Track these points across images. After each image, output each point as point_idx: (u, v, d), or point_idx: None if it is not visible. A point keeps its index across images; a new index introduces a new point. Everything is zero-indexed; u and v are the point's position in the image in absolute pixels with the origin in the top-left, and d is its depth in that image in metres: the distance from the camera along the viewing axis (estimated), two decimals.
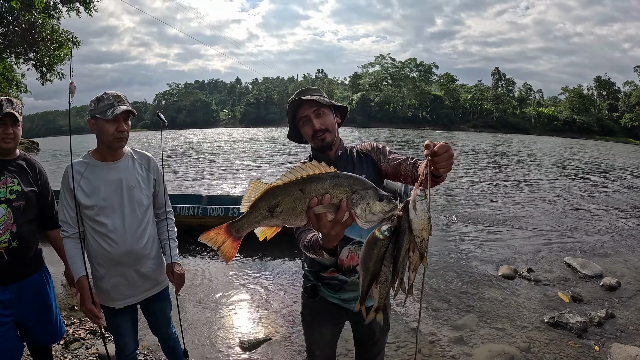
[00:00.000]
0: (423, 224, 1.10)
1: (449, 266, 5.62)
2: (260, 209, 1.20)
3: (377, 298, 1.23)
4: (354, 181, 1.15)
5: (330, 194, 1.14)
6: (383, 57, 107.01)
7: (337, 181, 1.15)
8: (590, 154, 31.16)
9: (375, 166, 1.78)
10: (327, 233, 1.19)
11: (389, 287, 1.22)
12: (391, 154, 1.76)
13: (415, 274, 1.19)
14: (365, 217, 1.13)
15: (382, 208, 1.12)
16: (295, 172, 1.17)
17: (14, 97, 2.27)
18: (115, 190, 2.08)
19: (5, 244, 2.11)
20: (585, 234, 7.45)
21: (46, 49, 14.65)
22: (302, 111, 1.74)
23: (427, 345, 3.60)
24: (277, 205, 1.18)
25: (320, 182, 1.15)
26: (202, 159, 21.83)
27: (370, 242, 1.17)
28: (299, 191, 1.16)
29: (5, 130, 2.13)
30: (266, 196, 1.19)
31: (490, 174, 16.17)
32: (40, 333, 2.39)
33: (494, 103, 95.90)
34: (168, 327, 2.45)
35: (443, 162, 1.20)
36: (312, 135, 1.73)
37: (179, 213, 6.32)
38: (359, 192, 1.13)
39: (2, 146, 2.15)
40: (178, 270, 2.24)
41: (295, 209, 1.17)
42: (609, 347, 3.55)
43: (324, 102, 1.70)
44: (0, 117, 2.10)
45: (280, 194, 1.17)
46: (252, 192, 1.20)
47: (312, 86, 1.83)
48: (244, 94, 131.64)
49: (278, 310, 4.30)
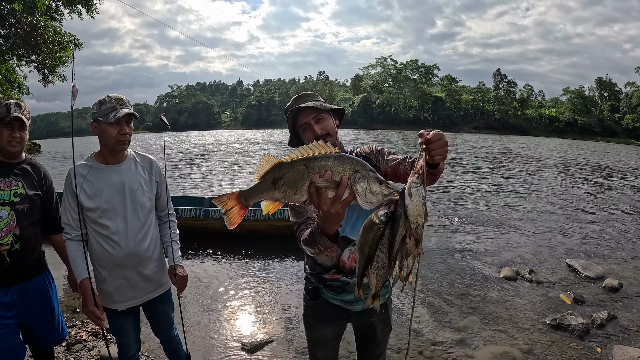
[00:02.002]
0: (418, 210, 1.12)
1: (450, 268, 5.61)
2: (266, 180, 1.25)
3: (374, 284, 1.26)
4: (356, 162, 1.18)
5: (333, 172, 1.17)
6: (384, 59, 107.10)
7: (341, 160, 1.18)
8: (591, 155, 31.10)
9: (375, 167, 1.78)
10: (328, 211, 1.20)
11: (386, 273, 1.24)
12: (390, 155, 1.78)
13: (413, 261, 1.21)
14: (366, 196, 1.15)
15: (381, 190, 1.15)
16: (302, 151, 1.21)
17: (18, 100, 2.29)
18: (118, 193, 2.09)
19: (8, 246, 2.12)
20: (587, 235, 7.44)
21: (48, 51, 14.68)
22: (302, 118, 1.76)
23: (429, 347, 3.59)
24: (280, 178, 1.22)
25: (324, 159, 1.19)
26: (204, 161, 21.86)
27: (367, 226, 1.20)
28: (302, 166, 1.19)
29: (12, 134, 2.15)
30: (273, 169, 1.24)
31: (492, 175, 16.16)
32: (42, 335, 2.40)
33: (496, 104, 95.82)
34: (170, 329, 2.46)
35: (437, 149, 1.22)
36: (315, 140, 1.73)
37: (181, 215, 6.33)
38: (360, 172, 1.16)
39: (9, 149, 2.17)
40: (180, 273, 2.25)
41: (297, 182, 1.20)
42: (611, 348, 3.54)
43: (322, 108, 1.72)
44: (8, 121, 2.12)
45: (286, 167, 1.22)
46: (264, 164, 1.25)
47: (308, 91, 1.86)
48: (246, 96, 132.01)
49: (280, 312, 4.30)
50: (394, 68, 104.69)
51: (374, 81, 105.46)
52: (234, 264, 5.78)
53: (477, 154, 27.14)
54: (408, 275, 1.24)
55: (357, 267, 1.26)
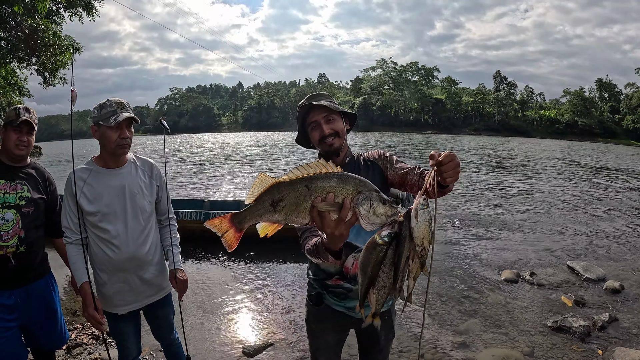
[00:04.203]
0: (424, 233, 1.10)
1: (451, 270, 5.60)
2: (264, 203, 1.19)
3: (374, 303, 1.25)
4: (359, 182, 1.16)
5: (335, 193, 1.14)
6: (384, 61, 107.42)
7: (343, 180, 1.15)
8: (592, 156, 31.09)
9: (382, 174, 1.77)
10: (331, 233, 1.18)
11: (386, 293, 1.22)
12: (398, 163, 1.75)
13: (414, 282, 1.20)
14: (369, 217, 1.12)
15: (385, 211, 1.12)
16: (302, 170, 1.17)
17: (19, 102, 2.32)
18: (118, 197, 2.08)
19: (13, 248, 2.15)
20: (588, 237, 7.43)
21: (49, 54, 14.70)
22: (312, 116, 1.73)
23: (430, 350, 3.58)
24: (280, 200, 1.18)
25: (326, 180, 1.15)
26: (204, 164, 21.86)
27: (370, 246, 1.18)
28: (304, 187, 1.15)
29: (20, 137, 2.18)
30: (271, 190, 1.19)
31: (493, 177, 16.15)
32: (44, 338, 2.40)
33: (496, 106, 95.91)
34: (171, 333, 2.45)
35: (449, 171, 1.19)
36: (320, 139, 1.72)
37: (181, 218, 6.33)
38: (363, 193, 1.14)
39: (15, 152, 2.20)
40: (181, 276, 2.24)
41: (299, 205, 1.17)
42: (613, 351, 3.53)
43: (335, 108, 1.70)
44: (17, 124, 2.15)
45: (285, 189, 1.17)
46: (258, 185, 1.20)
47: (321, 92, 1.84)
48: (246, 99, 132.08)
49: (281, 316, 4.29)
50: (394, 70, 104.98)
51: (374, 83, 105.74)
52: (234, 267, 5.78)
53: (477, 156, 27.13)
54: (409, 296, 1.22)
55: (360, 288, 1.25)
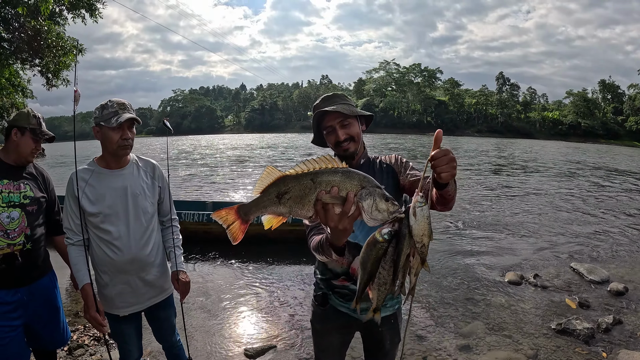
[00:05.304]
0: (423, 230, 1.12)
1: (454, 272, 5.58)
2: (270, 195, 1.22)
3: (375, 299, 1.27)
4: (363, 178, 1.17)
5: (340, 187, 1.16)
6: (387, 63, 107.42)
7: (348, 176, 1.17)
8: (595, 158, 30.99)
9: (396, 178, 1.78)
10: (335, 227, 1.19)
11: (387, 290, 1.25)
12: (412, 170, 1.76)
13: (416, 277, 1.23)
14: (371, 213, 1.14)
15: (387, 207, 1.14)
16: (309, 164, 1.20)
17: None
18: (120, 198, 2.08)
19: (20, 246, 2.19)
20: (591, 239, 7.40)
21: (52, 55, 14.73)
22: (328, 121, 1.72)
23: (433, 353, 3.57)
24: (285, 192, 1.20)
25: (331, 174, 1.17)
26: (207, 165, 21.90)
27: (370, 243, 1.20)
28: (309, 181, 1.18)
29: (37, 146, 2.32)
30: (277, 183, 1.21)
31: (496, 179, 16.12)
32: (47, 337, 2.42)
33: (499, 108, 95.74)
34: (172, 335, 2.45)
35: (442, 165, 1.18)
36: (335, 144, 1.73)
37: (184, 219, 6.34)
38: (367, 189, 1.16)
39: (29, 160, 2.33)
40: (183, 278, 2.24)
41: (303, 198, 1.19)
42: (617, 353, 3.51)
43: (349, 113, 1.68)
44: (37, 133, 2.29)
45: (291, 181, 1.19)
46: (266, 177, 1.22)
47: (336, 92, 1.83)
48: (249, 100, 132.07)
49: (283, 318, 4.27)
50: (396, 72, 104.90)
51: (377, 85, 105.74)
52: (237, 269, 5.77)
53: (480, 157, 27.09)
54: (412, 290, 1.25)
55: (358, 283, 1.27)
